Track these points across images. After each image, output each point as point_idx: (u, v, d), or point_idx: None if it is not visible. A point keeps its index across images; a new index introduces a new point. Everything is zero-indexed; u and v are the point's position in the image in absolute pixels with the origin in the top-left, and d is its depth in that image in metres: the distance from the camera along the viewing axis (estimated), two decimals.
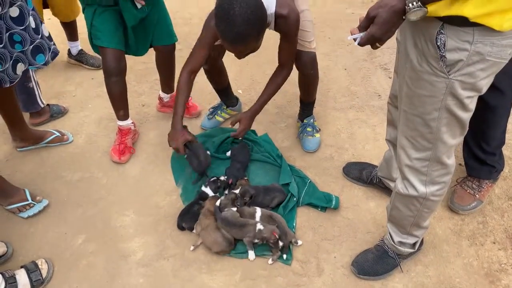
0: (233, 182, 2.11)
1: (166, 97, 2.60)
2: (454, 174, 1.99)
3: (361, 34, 1.19)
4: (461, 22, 1.11)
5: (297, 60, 2.18)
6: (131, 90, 2.38)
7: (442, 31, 1.17)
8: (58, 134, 2.45)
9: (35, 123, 2.57)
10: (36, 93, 2.47)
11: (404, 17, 1.13)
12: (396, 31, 1.42)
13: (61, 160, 2.37)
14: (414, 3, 1.08)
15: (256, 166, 2.29)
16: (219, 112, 2.60)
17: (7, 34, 1.79)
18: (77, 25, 3.00)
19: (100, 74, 2.89)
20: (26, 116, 2.55)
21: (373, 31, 1.15)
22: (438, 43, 1.19)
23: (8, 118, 2.26)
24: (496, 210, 2.06)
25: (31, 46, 1.90)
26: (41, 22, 1.96)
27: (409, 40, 1.32)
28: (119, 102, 2.30)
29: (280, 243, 1.82)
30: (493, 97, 1.81)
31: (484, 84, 1.25)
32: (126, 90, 2.28)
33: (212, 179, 2.09)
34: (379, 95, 2.80)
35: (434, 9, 1.12)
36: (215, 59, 2.30)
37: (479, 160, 2.01)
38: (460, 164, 2.20)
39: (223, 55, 2.32)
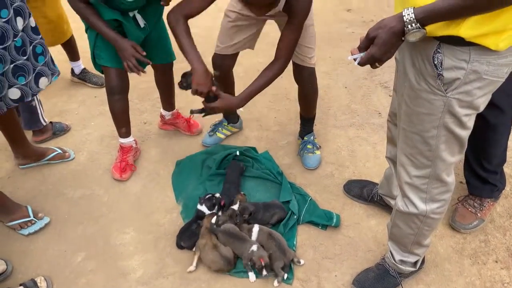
0: (226, 203, 2.09)
1: (167, 114, 2.62)
2: (455, 192, 2.01)
3: (361, 54, 1.21)
4: (457, 41, 1.13)
5: (296, 74, 2.23)
6: (133, 108, 2.41)
7: (439, 50, 1.19)
8: (59, 151, 2.46)
9: (37, 140, 2.59)
10: (39, 111, 2.50)
11: (403, 38, 1.15)
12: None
13: (62, 178, 2.38)
14: (413, 24, 1.11)
15: (257, 183, 2.30)
16: (220, 129, 2.61)
17: (31, 46, 1.84)
18: (78, 45, 3.04)
19: (102, 92, 2.93)
20: (29, 133, 2.58)
21: (373, 52, 1.18)
22: (435, 62, 1.21)
23: (9, 136, 2.28)
24: (498, 229, 2.04)
25: (51, 57, 1.98)
26: None
27: (407, 59, 1.34)
28: (121, 120, 2.33)
29: (264, 272, 1.81)
30: (493, 115, 1.82)
31: (482, 102, 1.26)
32: (128, 108, 2.31)
33: (207, 196, 2.09)
34: (379, 113, 2.81)
35: (431, 29, 1.14)
36: (229, 68, 2.33)
37: (481, 178, 2.01)
38: (461, 182, 2.20)
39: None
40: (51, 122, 2.65)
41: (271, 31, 2.56)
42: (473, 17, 1.07)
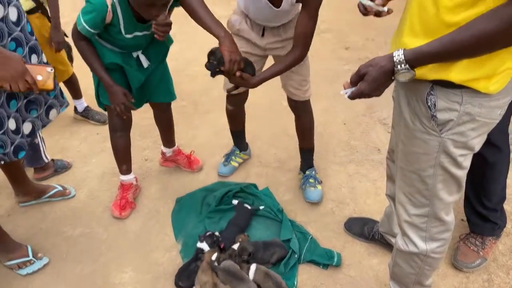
0: (226, 247, 2.05)
1: (168, 151, 2.65)
2: (457, 230, 2.00)
3: (352, 88, 1.25)
4: (449, 84, 1.17)
5: (292, 104, 2.32)
6: (134, 145, 2.44)
7: (432, 92, 1.22)
8: (60, 188, 2.47)
9: (38, 178, 2.60)
10: (41, 148, 2.52)
11: (393, 78, 1.19)
12: (393, 88, 1.49)
13: (62, 215, 2.38)
14: (403, 65, 1.14)
15: (257, 221, 2.29)
16: (233, 157, 2.66)
17: None
18: (82, 83, 3.10)
19: (104, 129, 2.97)
20: (30, 170, 2.60)
21: (362, 88, 1.22)
22: (429, 103, 1.24)
23: (10, 174, 2.29)
24: (501, 268, 2.01)
25: (59, 89, 2.06)
26: None
27: (403, 99, 1.37)
28: (123, 157, 2.35)
29: None
30: (491, 153, 1.84)
31: (477, 143, 1.28)
32: (130, 145, 2.34)
33: (208, 234, 2.08)
34: (378, 149, 2.83)
35: (422, 73, 1.17)
36: (243, 101, 2.42)
37: (481, 216, 2.00)
38: (462, 220, 2.19)
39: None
40: (52, 160, 2.67)
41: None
42: (463, 62, 1.11)
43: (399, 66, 1.15)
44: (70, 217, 2.37)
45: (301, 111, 2.33)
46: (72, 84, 3.03)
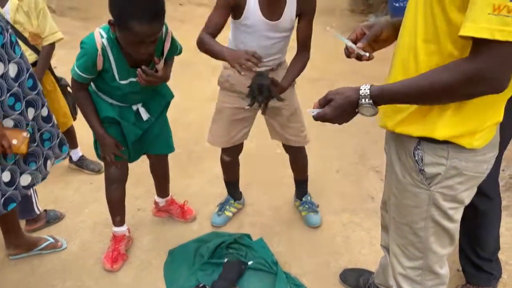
0: None
1: (161, 201, 2.64)
2: (453, 281, 1.98)
3: (319, 110, 1.29)
4: (435, 139, 1.20)
5: (287, 149, 2.45)
6: (127, 194, 2.43)
7: (419, 146, 1.26)
8: (52, 240, 2.44)
9: (30, 229, 2.56)
10: (34, 200, 2.51)
11: (356, 110, 1.22)
12: (384, 141, 1.52)
13: (52, 268, 2.33)
14: (366, 99, 1.18)
15: (250, 273, 2.24)
16: (227, 207, 2.65)
17: (39, 133, 1.97)
18: (78, 133, 3.13)
19: (98, 179, 2.97)
20: (21, 222, 2.56)
21: (327, 111, 1.25)
22: (416, 158, 1.27)
23: (4, 227, 2.27)
24: None
25: (58, 140, 2.09)
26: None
27: (394, 152, 1.40)
28: (117, 208, 2.35)
29: None
30: (482, 203, 1.85)
31: (466, 196, 1.30)
32: (124, 196, 2.34)
33: (200, 286, 2.04)
34: (372, 198, 2.84)
35: (408, 130, 1.21)
36: (239, 152, 2.49)
37: (476, 266, 1.99)
38: (458, 270, 2.16)
39: None
40: (45, 210, 2.65)
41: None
42: (447, 119, 1.15)
43: (363, 100, 1.18)
44: (60, 270, 2.32)
45: (297, 153, 2.48)
46: (70, 134, 3.06)
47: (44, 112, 2.00)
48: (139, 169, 3.05)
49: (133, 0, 1.65)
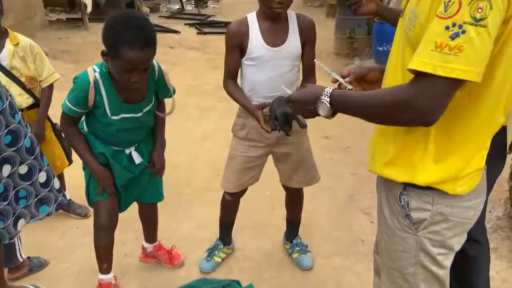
0: None
1: (149, 247, 2.59)
2: None
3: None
4: (419, 185, 1.22)
5: (284, 186, 2.48)
6: (115, 239, 2.38)
7: (404, 191, 1.27)
8: None
9: (12, 278, 2.48)
10: (17, 247, 2.44)
11: (316, 106, 1.26)
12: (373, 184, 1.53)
13: None
14: (325, 97, 1.23)
15: None
16: (216, 252, 2.60)
17: (14, 191, 1.87)
18: (66, 175, 3.10)
19: (85, 224, 2.92)
20: (5, 269, 2.49)
21: (294, 94, 1.39)
22: (402, 203, 1.28)
23: None
24: None
25: (35, 199, 1.97)
26: (54, 175, 2.07)
27: (383, 196, 1.41)
28: (105, 256, 2.29)
29: None
30: (472, 248, 1.84)
31: (455, 242, 1.29)
32: (113, 244, 2.29)
33: None
34: (362, 241, 2.82)
35: (391, 174, 1.23)
36: (244, 193, 2.47)
37: None
38: None
39: None
40: (28, 258, 2.58)
41: None
42: (428, 165, 1.17)
43: (322, 96, 1.23)
44: None
45: (295, 191, 2.51)
46: (58, 177, 3.03)
47: (23, 169, 1.89)
48: (127, 213, 3.00)
49: (126, 27, 1.72)
